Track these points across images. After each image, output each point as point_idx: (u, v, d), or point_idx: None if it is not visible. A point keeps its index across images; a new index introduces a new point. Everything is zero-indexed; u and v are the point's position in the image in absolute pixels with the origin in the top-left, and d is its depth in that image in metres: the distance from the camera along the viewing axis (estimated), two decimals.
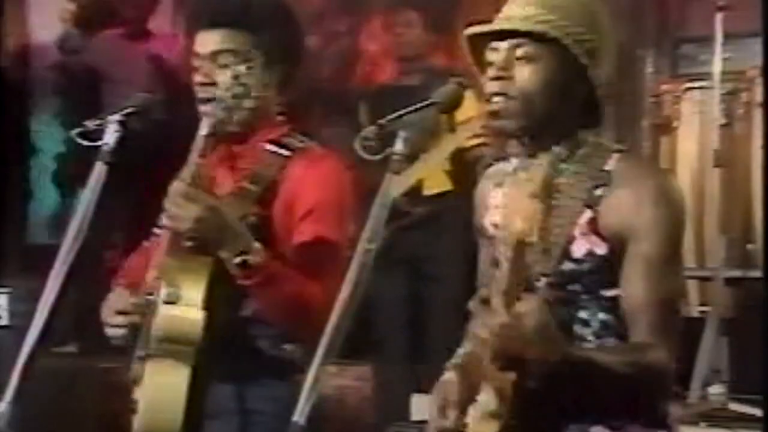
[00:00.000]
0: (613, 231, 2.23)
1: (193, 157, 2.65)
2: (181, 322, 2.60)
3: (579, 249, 2.25)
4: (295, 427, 2.12)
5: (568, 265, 2.24)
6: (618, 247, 2.23)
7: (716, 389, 4.51)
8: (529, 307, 2.09)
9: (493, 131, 2.31)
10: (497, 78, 2.27)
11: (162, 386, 2.60)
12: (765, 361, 3.82)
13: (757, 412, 4.25)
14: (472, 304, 2.15)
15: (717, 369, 4.57)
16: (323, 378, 2.13)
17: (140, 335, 2.64)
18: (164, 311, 2.59)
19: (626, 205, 2.23)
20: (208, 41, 2.74)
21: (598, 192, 2.25)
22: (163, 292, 2.61)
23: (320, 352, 2.15)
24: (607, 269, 2.24)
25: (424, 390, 4.80)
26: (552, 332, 2.11)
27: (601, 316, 2.26)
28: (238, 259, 2.58)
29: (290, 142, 2.78)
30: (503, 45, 2.28)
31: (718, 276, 4.62)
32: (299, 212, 2.70)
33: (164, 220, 2.63)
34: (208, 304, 2.62)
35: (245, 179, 2.74)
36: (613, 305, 2.25)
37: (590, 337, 2.26)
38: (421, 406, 4.79)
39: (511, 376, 2.14)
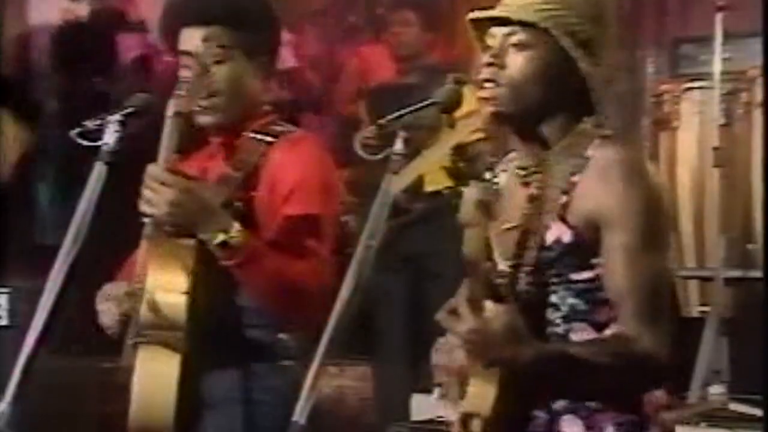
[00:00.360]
0: (582, 217, 2.22)
1: (165, 141, 2.66)
2: (163, 307, 2.60)
3: (550, 236, 2.24)
4: (295, 427, 2.12)
5: (541, 253, 2.24)
6: (587, 232, 2.22)
7: (716, 389, 4.52)
8: (495, 311, 2.11)
9: (487, 117, 2.31)
10: (489, 65, 2.28)
11: (152, 373, 2.61)
12: (765, 361, 3.82)
13: (757, 412, 4.25)
14: (440, 316, 2.18)
15: (717, 369, 4.57)
16: (323, 377, 2.14)
17: (132, 323, 2.65)
18: (147, 297, 2.60)
19: (596, 190, 2.21)
20: (196, 38, 2.76)
21: (575, 178, 2.25)
22: (150, 282, 2.61)
23: (321, 350, 2.15)
24: (574, 255, 2.23)
25: (424, 390, 4.84)
26: (521, 334, 2.12)
27: (570, 300, 2.25)
28: (217, 240, 2.60)
29: (273, 128, 2.82)
30: (499, 32, 2.29)
31: (718, 276, 4.62)
32: (281, 194, 2.73)
33: (141, 206, 2.64)
34: (203, 293, 2.64)
35: (229, 166, 2.78)
36: (582, 289, 2.24)
37: (558, 321, 2.25)
38: (421, 406, 4.79)
39: (495, 370, 2.16)
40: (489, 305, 2.12)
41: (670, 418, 2.31)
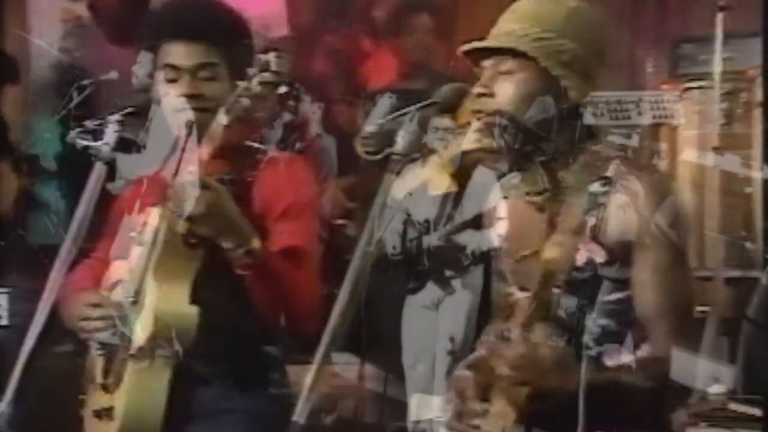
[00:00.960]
0: (614, 238, 2.23)
1: (202, 147, 2.66)
2: (167, 321, 2.61)
3: (580, 257, 2.25)
4: (295, 427, 2.12)
5: (571, 275, 2.25)
6: (620, 253, 2.23)
7: (716, 389, 4.51)
8: (544, 335, 2.11)
9: (481, 149, 2.32)
10: (478, 95, 2.30)
11: (144, 388, 2.62)
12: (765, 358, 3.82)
13: (757, 412, 4.25)
14: (488, 339, 2.19)
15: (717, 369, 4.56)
16: (321, 378, 2.14)
17: (120, 338, 2.65)
18: (150, 311, 2.61)
19: (628, 211, 2.23)
20: (188, 54, 2.77)
21: (601, 200, 2.25)
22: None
23: (320, 351, 2.15)
24: (607, 275, 2.25)
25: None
26: (569, 363, 2.13)
27: (602, 321, 2.26)
28: (241, 250, 2.60)
29: (259, 147, 2.86)
30: (488, 62, 2.31)
31: (718, 276, 4.62)
32: (275, 212, 2.78)
33: (168, 205, 2.65)
34: (203, 304, 2.66)
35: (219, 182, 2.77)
36: (613, 310, 2.25)
37: (591, 344, 2.26)
38: (419, 406, 4.78)
39: (525, 390, 2.15)
40: (538, 331, 2.13)
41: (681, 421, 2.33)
